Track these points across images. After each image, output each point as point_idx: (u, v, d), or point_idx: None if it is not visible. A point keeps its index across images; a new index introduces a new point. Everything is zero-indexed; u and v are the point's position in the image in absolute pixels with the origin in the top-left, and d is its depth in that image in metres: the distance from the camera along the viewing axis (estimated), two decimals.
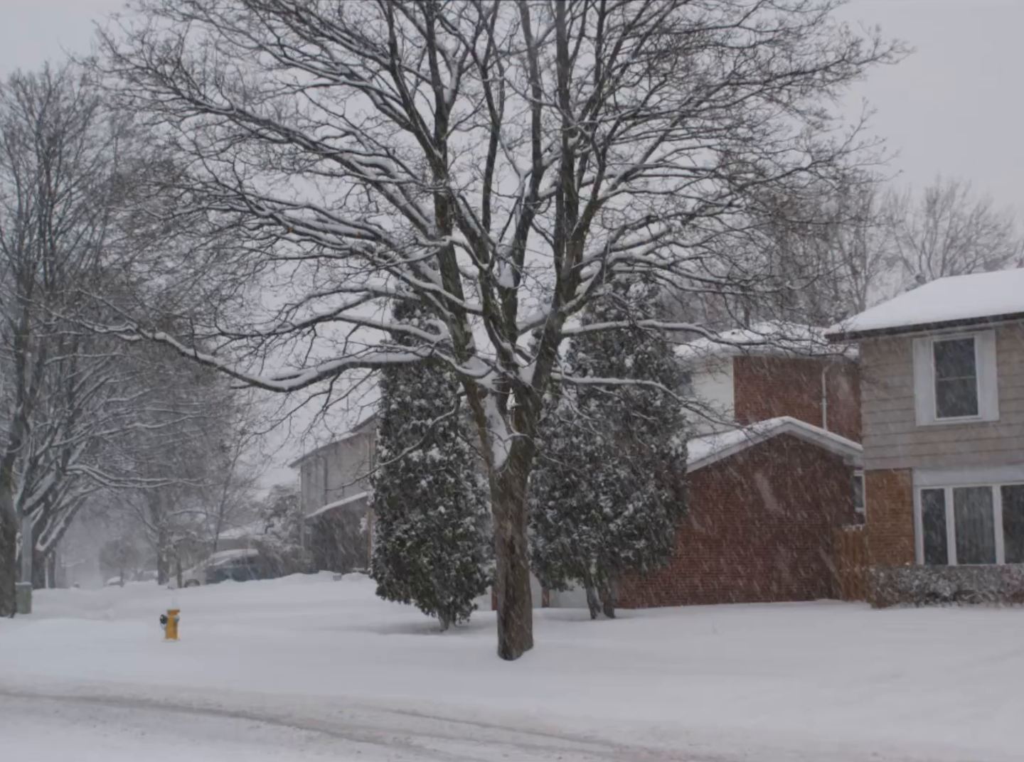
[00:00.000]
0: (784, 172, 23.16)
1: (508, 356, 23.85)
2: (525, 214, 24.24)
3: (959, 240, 72.40)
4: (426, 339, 25.26)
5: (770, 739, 14.74)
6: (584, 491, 32.55)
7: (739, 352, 28.82)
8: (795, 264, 27.17)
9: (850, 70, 21.99)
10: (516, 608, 24.00)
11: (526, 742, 15.28)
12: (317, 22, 22.49)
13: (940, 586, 30.85)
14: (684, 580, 36.92)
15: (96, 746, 15.61)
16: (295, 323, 23.31)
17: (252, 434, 29.35)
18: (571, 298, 24.14)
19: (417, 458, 32.30)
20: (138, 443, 58.11)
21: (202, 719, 17.94)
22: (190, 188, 23.14)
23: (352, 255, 23.76)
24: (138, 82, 22.32)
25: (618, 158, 24.75)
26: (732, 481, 38.48)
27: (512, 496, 24.10)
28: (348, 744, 15.49)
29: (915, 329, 32.73)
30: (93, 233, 47.20)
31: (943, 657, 20.75)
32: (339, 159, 23.54)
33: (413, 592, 32.98)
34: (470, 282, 25.24)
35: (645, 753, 14.32)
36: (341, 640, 28.82)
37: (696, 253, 24.78)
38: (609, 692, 19.02)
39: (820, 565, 39.02)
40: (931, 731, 14.53)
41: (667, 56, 22.42)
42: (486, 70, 23.19)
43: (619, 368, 32.82)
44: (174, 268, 27.85)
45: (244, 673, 23.17)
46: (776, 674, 20.10)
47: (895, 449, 33.14)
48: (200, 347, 23.33)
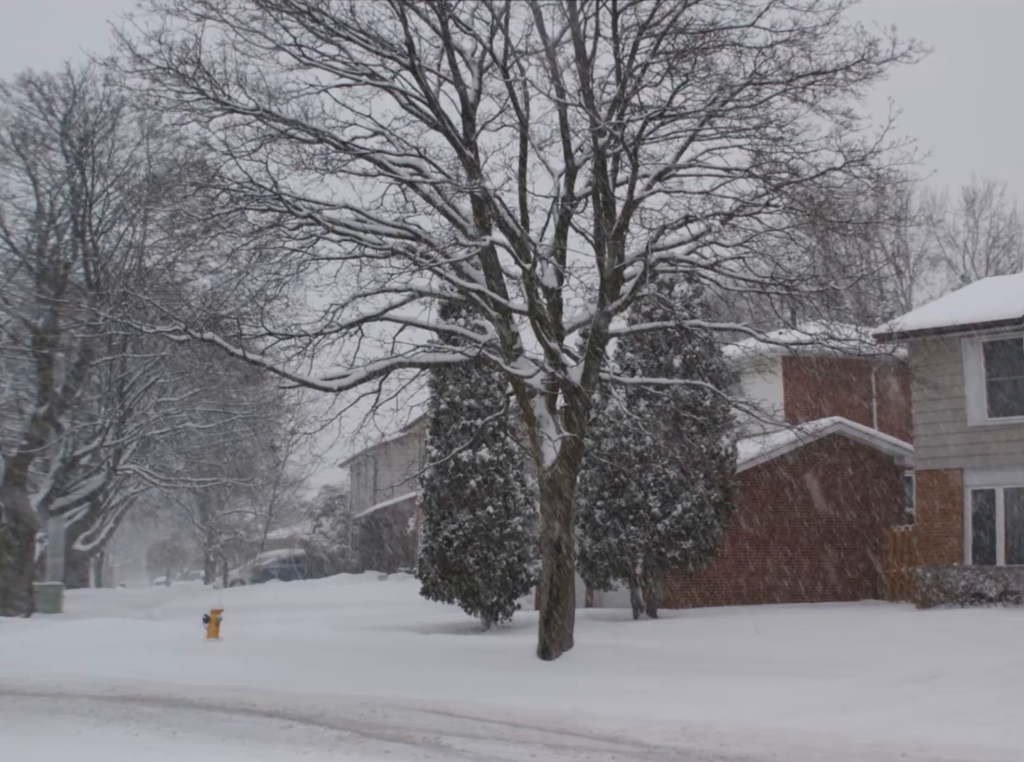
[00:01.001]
0: (818, 172, 23.01)
1: (556, 356, 23.84)
2: (563, 214, 24.22)
3: (1001, 239, 72.00)
4: (473, 339, 25.24)
5: (802, 740, 14.60)
6: (633, 491, 32.50)
7: (787, 352, 28.59)
8: (839, 264, 26.99)
9: (871, 70, 21.83)
10: (559, 608, 23.98)
11: (555, 742, 15.19)
12: (331, 22, 22.43)
13: (986, 586, 30.53)
14: (729, 580, 36.75)
15: (127, 745, 15.59)
16: (341, 323, 23.28)
17: (302, 434, 29.51)
18: (616, 298, 24.09)
19: (467, 458, 32.39)
20: (189, 443, 58.45)
21: (235, 719, 17.90)
22: (226, 188, 23.11)
23: (394, 255, 23.69)
24: (161, 82, 22.28)
25: (650, 158, 24.77)
26: (781, 481, 38.32)
27: (561, 496, 24.07)
28: (377, 744, 15.43)
29: (962, 329, 32.46)
30: (134, 233, 47.40)
31: (984, 658, 20.40)
32: (371, 159, 23.50)
33: (457, 592, 33.09)
34: (514, 282, 25.21)
35: (674, 753, 14.20)
36: (381, 640, 28.76)
37: (738, 253, 24.69)
38: (645, 692, 18.92)
39: (867, 565, 38.76)
40: (963, 732, 14.31)
41: (686, 56, 22.34)
42: (507, 70, 23.16)
43: (667, 368, 32.82)
44: (218, 268, 27.91)
45: (281, 673, 23.18)
46: (816, 675, 19.99)
47: (946, 449, 32.83)
48: (248, 347, 23.39)
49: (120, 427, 49.64)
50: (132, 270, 44.79)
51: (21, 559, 44.21)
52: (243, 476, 64.64)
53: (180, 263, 41.54)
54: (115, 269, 46.55)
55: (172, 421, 53.06)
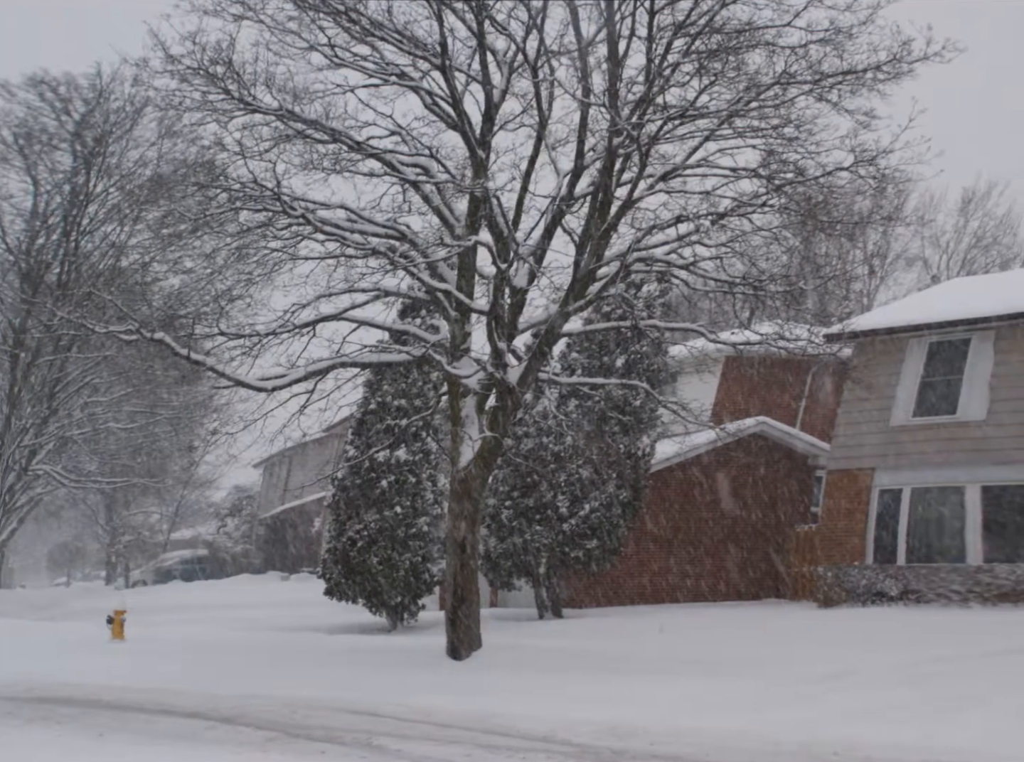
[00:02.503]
0: (824, 172, 23.19)
1: (500, 356, 23.81)
2: (556, 214, 24.12)
3: (984, 239, 72.06)
4: (424, 339, 25.16)
5: (728, 739, 14.84)
6: (543, 491, 32.43)
7: (732, 352, 28.71)
8: (814, 264, 27.21)
9: (902, 69, 21.90)
10: (464, 608, 24.05)
11: (486, 742, 15.35)
12: (367, 22, 22.55)
13: (887, 586, 30.85)
14: (633, 580, 36.95)
15: (54, 746, 15.54)
16: (297, 323, 23.32)
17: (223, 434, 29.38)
18: (581, 298, 24.12)
19: (383, 458, 32.33)
20: (106, 443, 57.96)
21: (156, 720, 17.88)
22: (228, 188, 23.11)
23: (373, 255, 23.85)
24: (189, 83, 22.32)
25: (660, 157, 24.75)
26: (693, 481, 38.42)
27: (470, 496, 24.14)
28: (309, 744, 15.52)
29: (914, 329, 32.55)
30: (120, 233, 47.33)
31: (889, 656, 20.87)
32: (381, 159, 23.61)
33: (361, 592, 32.94)
34: (484, 282, 25.23)
35: (608, 753, 14.42)
36: (289, 641, 28.78)
37: (718, 253, 24.80)
38: (561, 692, 19.07)
39: (769, 565, 39.13)
40: (887, 730, 14.65)
41: (718, 55, 22.43)
42: (537, 70, 23.02)
43: (609, 368, 32.78)
44: (192, 268, 27.89)
45: (193, 674, 23.02)
46: (725, 674, 20.20)
47: (862, 449, 33.07)
48: (195, 347, 23.33)
49: (42, 427, 49.04)
50: (105, 270, 44.47)
51: None
52: (155, 476, 64.04)
53: (156, 263, 41.50)
54: (89, 269, 46.22)
55: (95, 421, 52.66)
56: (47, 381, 48.96)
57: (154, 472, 63.51)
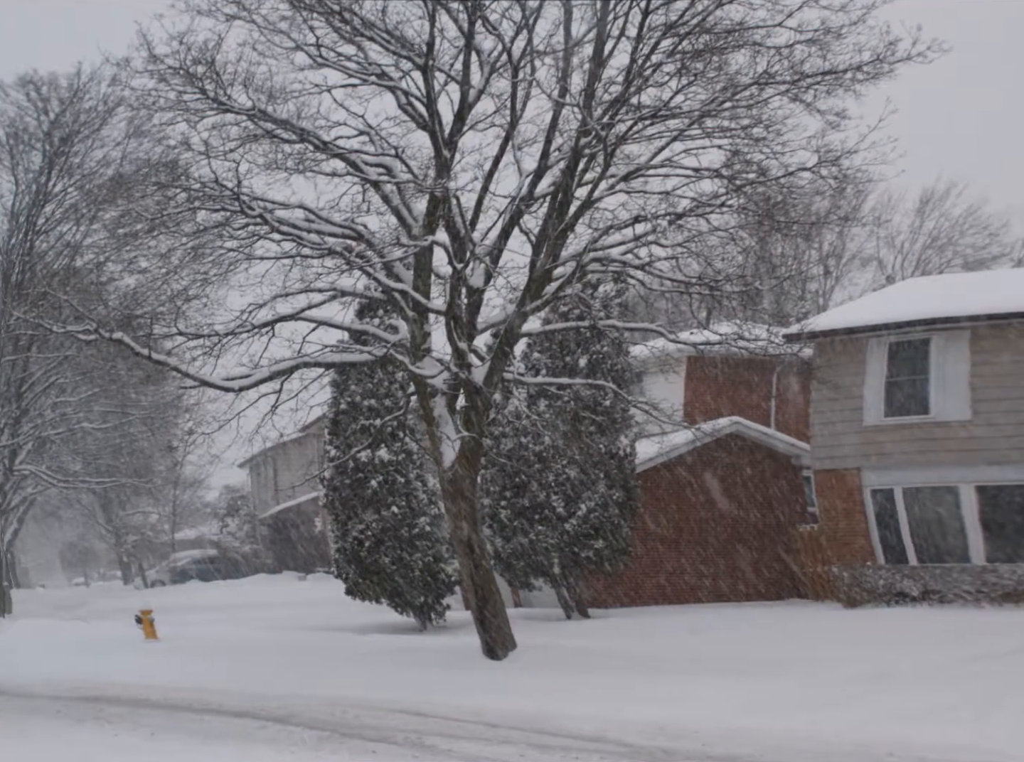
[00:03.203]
0: (787, 172, 23.30)
1: (463, 356, 23.86)
2: (515, 214, 24.16)
3: (940, 240, 72.52)
4: (384, 339, 25.22)
5: (783, 740, 14.90)
6: (535, 491, 32.46)
7: (693, 352, 28.82)
8: (769, 264, 27.29)
9: (882, 70, 21.95)
10: (489, 608, 24.15)
11: (538, 742, 15.47)
12: (359, 22, 22.56)
13: (906, 586, 30.94)
14: (650, 580, 37.02)
15: (108, 746, 15.74)
16: (255, 323, 23.25)
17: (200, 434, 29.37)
18: (538, 298, 24.16)
19: (366, 458, 32.34)
20: (85, 443, 57.78)
21: (206, 719, 18.06)
22: (187, 188, 23.17)
23: (330, 255, 23.86)
24: (167, 82, 22.31)
25: (624, 158, 24.82)
26: (682, 481, 38.35)
27: (463, 496, 24.17)
28: (361, 744, 15.66)
29: (873, 329, 32.48)
30: (76, 233, 47.13)
31: (929, 656, 20.93)
32: (345, 159, 23.65)
33: (382, 592, 33.04)
34: (440, 282, 25.26)
35: (660, 753, 14.53)
36: (324, 640, 28.88)
37: (674, 253, 24.87)
38: (606, 692, 19.12)
39: (783, 565, 39.15)
40: (939, 731, 14.68)
41: (702, 56, 22.48)
42: (518, 70, 23.05)
43: (573, 368, 32.65)
44: (147, 268, 27.78)
45: (235, 673, 23.16)
46: (766, 674, 20.28)
47: (842, 449, 33.05)
48: (155, 347, 23.27)
49: (15, 427, 49.02)
50: (60, 270, 44.40)
51: None
52: (142, 477, 63.83)
53: (111, 262, 41.34)
54: (43, 269, 46.08)
55: (68, 421, 52.46)
56: (11, 381, 48.70)
57: (140, 472, 63.32)
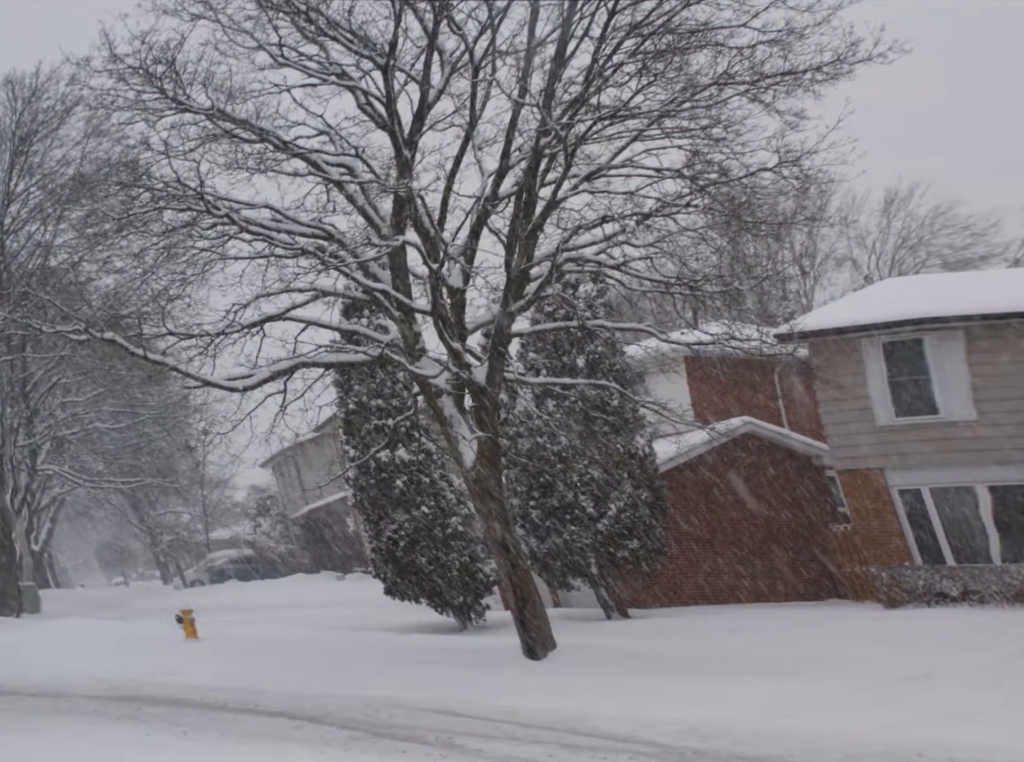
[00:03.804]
0: (748, 172, 23.22)
1: (459, 356, 23.79)
2: (481, 214, 24.06)
3: (910, 240, 72.78)
4: (375, 339, 25.22)
5: (814, 740, 14.89)
6: (562, 491, 32.30)
7: (689, 352, 28.59)
8: (745, 264, 27.16)
9: (841, 70, 21.91)
10: (529, 608, 24.07)
11: (569, 742, 15.48)
12: (324, 22, 22.48)
13: (946, 586, 30.73)
14: (688, 580, 36.89)
15: (141, 746, 15.79)
16: (244, 323, 23.20)
17: (215, 434, 29.41)
18: (520, 298, 24.10)
19: (386, 458, 32.34)
20: (102, 443, 58.17)
21: (241, 719, 18.08)
22: (150, 188, 23.08)
23: (303, 255, 23.76)
24: (126, 82, 22.18)
25: (585, 158, 24.80)
26: (707, 481, 38.17)
27: (491, 496, 24.11)
28: (392, 744, 15.70)
29: (863, 329, 32.20)
30: (45, 233, 47.09)
31: (969, 657, 20.72)
32: (306, 159, 23.59)
33: (421, 592, 33.01)
34: (420, 282, 25.26)
35: (691, 753, 14.54)
36: (363, 640, 28.81)
37: (647, 253, 24.76)
38: (642, 692, 19.11)
39: (819, 565, 38.98)
40: (974, 731, 14.64)
41: (663, 56, 22.43)
42: (479, 70, 23.12)
43: (571, 368, 32.50)
44: (123, 268, 27.80)
45: (273, 673, 23.14)
46: (805, 675, 20.23)
47: (860, 449, 32.86)
48: (149, 347, 23.20)
49: (29, 427, 49.20)
50: (36, 269, 44.41)
51: (11, 558, 43.79)
52: (166, 476, 64.20)
53: (86, 262, 41.38)
54: (19, 269, 46.06)
55: (81, 421, 52.66)
56: (14, 381, 48.82)
57: (163, 472, 63.69)
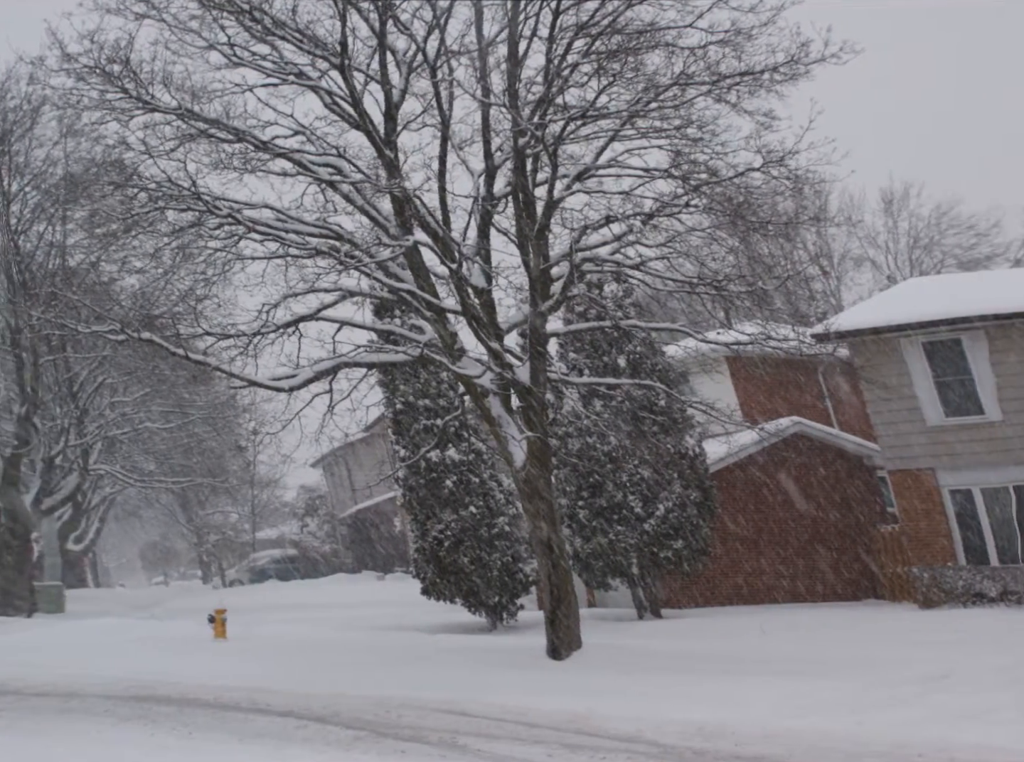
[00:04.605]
0: (737, 172, 23.05)
1: (500, 356, 23.75)
2: (484, 214, 24.11)
3: (922, 241, 72.36)
4: (412, 339, 25.18)
5: (818, 739, 14.71)
6: (611, 491, 32.31)
7: (729, 352, 28.50)
8: (763, 264, 27.01)
9: (798, 71, 21.87)
10: (563, 608, 23.92)
11: (571, 742, 15.32)
12: (270, 22, 22.48)
13: (985, 587, 30.51)
14: (728, 580, 36.73)
15: (144, 745, 15.73)
16: (277, 323, 23.13)
17: (265, 434, 29.43)
18: (547, 298, 24.04)
19: (436, 458, 32.44)
20: (153, 443, 58.31)
21: (251, 718, 17.98)
22: (144, 187, 22.99)
23: (318, 255, 23.64)
24: (86, 81, 22.14)
25: (570, 158, 24.81)
26: (756, 481, 38.17)
27: (540, 496, 24.02)
28: (394, 744, 15.56)
29: (899, 329, 32.21)
30: (55, 233, 46.77)
31: (993, 658, 20.48)
32: (291, 159, 23.54)
33: (458, 592, 33.02)
34: (443, 282, 25.15)
35: (690, 753, 14.36)
36: (388, 640, 28.70)
37: (662, 253, 24.66)
38: (658, 692, 18.93)
39: (862, 565, 38.75)
40: (979, 731, 14.42)
41: (617, 56, 22.38)
42: (435, 70, 23.11)
43: (613, 368, 32.58)
44: (143, 268, 27.77)
45: (293, 673, 23.10)
46: (826, 675, 19.95)
47: (911, 450, 32.66)
48: (189, 347, 23.18)
49: (80, 427, 49.43)
50: (57, 270, 44.53)
51: (20, 559, 44.19)
52: (216, 476, 64.37)
53: (104, 263, 41.44)
54: (39, 269, 46.15)
55: (131, 421, 52.87)
56: (61, 381, 48.95)
57: (214, 471, 63.81)
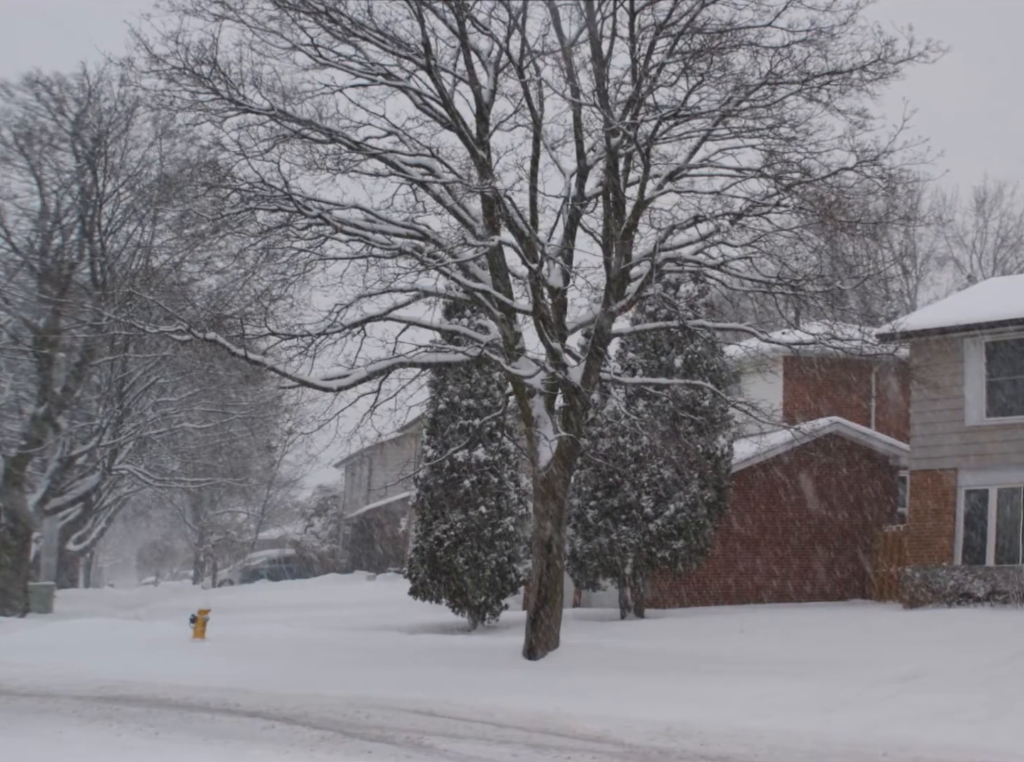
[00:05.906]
0: (830, 172, 22.93)
1: (557, 356, 23.85)
2: (572, 214, 24.20)
3: (1010, 239, 71.37)
4: (476, 339, 25.25)
5: (783, 739, 14.67)
6: (627, 491, 32.24)
7: (789, 352, 28.45)
8: (846, 264, 26.95)
9: (887, 69, 21.73)
10: (547, 608, 23.96)
11: (538, 742, 15.23)
12: (348, 22, 22.40)
13: (975, 586, 30.31)
14: (718, 580, 36.59)
15: (108, 745, 15.55)
16: (345, 323, 23.28)
17: (299, 434, 29.56)
18: (621, 298, 24.06)
19: (462, 458, 32.38)
20: (185, 443, 58.47)
21: (218, 719, 17.86)
22: (237, 188, 23.10)
23: (401, 255, 23.76)
24: (176, 82, 22.27)
25: (663, 158, 24.73)
26: (776, 481, 38.12)
27: (554, 496, 24.07)
28: (360, 744, 15.44)
29: (966, 329, 32.02)
30: (143, 233, 47.19)
31: (968, 657, 20.53)
32: (383, 159, 23.50)
33: (445, 592, 33.00)
34: (519, 282, 25.21)
35: (655, 753, 14.25)
36: (367, 640, 28.74)
37: (745, 253, 24.65)
38: (629, 693, 18.92)
39: (856, 565, 38.64)
40: (946, 731, 14.43)
41: (702, 56, 22.27)
42: (522, 70, 23.11)
43: (668, 368, 32.60)
44: (224, 268, 27.87)
45: (266, 673, 23.11)
46: (799, 675, 19.93)
47: (941, 449, 32.53)
48: (250, 347, 23.26)
49: (117, 427, 49.56)
50: (139, 270, 44.74)
51: (18, 559, 44.27)
52: (238, 476, 64.65)
53: (187, 263, 41.64)
54: (122, 269, 46.46)
55: (169, 421, 53.09)
56: (112, 381, 49.20)
57: (236, 472, 64.13)
